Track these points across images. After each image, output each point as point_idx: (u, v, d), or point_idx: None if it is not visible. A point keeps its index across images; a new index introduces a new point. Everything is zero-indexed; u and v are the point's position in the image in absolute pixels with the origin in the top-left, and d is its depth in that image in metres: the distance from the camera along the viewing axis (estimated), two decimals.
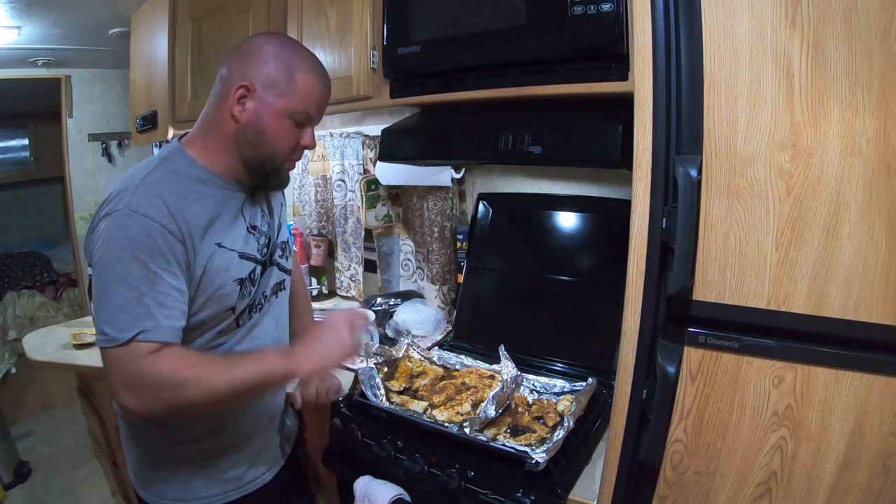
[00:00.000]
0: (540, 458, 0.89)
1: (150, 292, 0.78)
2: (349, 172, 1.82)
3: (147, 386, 0.77)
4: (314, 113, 0.91)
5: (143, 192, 0.80)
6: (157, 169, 0.85)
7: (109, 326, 0.77)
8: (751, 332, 0.71)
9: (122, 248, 0.77)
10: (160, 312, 0.78)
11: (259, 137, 0.88)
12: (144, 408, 0.78)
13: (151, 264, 0.78)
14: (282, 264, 1.04)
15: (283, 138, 0.89)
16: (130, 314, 0.77)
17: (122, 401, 0.78)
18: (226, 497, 0.98)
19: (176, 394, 0.78)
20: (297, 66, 0.87)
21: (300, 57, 0.89)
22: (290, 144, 0.91)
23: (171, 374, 0.77)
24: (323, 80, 0.91)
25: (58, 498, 2.41)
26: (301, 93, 0.87)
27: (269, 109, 0.86)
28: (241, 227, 0.93)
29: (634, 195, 0.77)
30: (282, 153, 0.91)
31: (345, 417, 1.17)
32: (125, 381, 0.78)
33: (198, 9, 1.76)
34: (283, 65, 0.86)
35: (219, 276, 0.87)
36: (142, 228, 0.78)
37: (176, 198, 0.82)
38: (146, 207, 0.79)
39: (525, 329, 1.41)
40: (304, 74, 0.87)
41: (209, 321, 0.88)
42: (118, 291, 0.77)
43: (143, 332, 0.77)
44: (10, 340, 3.03)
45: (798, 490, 0.71)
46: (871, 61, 0.61)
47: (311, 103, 0.89)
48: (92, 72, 3.19)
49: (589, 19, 0.94)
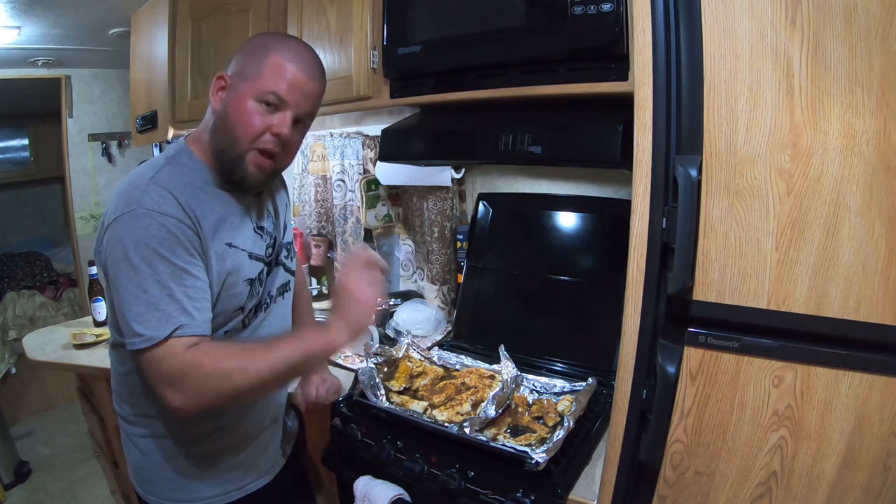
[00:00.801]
0: (540, 458, 0.89)
1: (180, 287, 0.77)
2: (349, 172, 1.82)
3: (192, 381, 0.76)
4: (286, 94, 0.82)
5: (155, 190, 0.80)
6: (164, 168, 0.84)
7: (143, 327, 0.76)
8: (751, 332, 0.71)
9: (143, 247, 0.76)
10: (192, 307, 0.78)
11: (224, 122, 0.84)
12: (193, 403, 0.76)
13: (176, 259, 0.78)
14: (287, 265, 1.04)
15: (244, 121, 0.82)
16: (164, 312, 0.76)
17: (169, 399, 0.76)
18: (227, 497, 0.98)
19: (222, 384, 0.77)
20: (272, 51, 0.83)
21: (279, 43, 0.85)
22: (253, 129, 0.82)
23: (213, 365, 0.77)
24: (298, 62, 0.84)
25: (58, 498, 2.41)
26: (268, 73, 0.82)
27: (236, 93, 0.83)
28: (248, 228, 0.92)
29: (634, 195, 0.77)
30: (243, 138, 0.83)
31: (345, 417, 1.17)
32: (169, 380, 0.76)
33: (198, 9, 1.76)
34: (260, 51, 0.83)
35: (230, 276, 0.87)
36: (160, 225, 0.77)
37: (186, 196, 0.82)
38: (161, 205, 0.78)
39: (525, 329, 1.41)
40: (276, 56, 0.83)
41: (217, 318, 0.88)
42: (148, 291, 0.76)
43: (179, 327, 0.76)
44: (10, 340, 3.03)
45: (798, 490, 0.71)
46: (871, 61, 0.61)
47: (280, 83, 0.82)
48: (92, 72, 3.19)
49: (589, 19, 0.94)
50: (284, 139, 0.84)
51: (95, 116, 3.30)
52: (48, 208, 4.00)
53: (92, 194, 3.36)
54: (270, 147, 0.84)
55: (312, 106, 0.88)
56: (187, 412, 0.77)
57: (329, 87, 0.92)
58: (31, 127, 3.80)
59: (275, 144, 0.84)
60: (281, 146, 0.85)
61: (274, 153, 0.85)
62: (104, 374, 1.50)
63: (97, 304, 1.85)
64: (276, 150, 0.85)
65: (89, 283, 1.90)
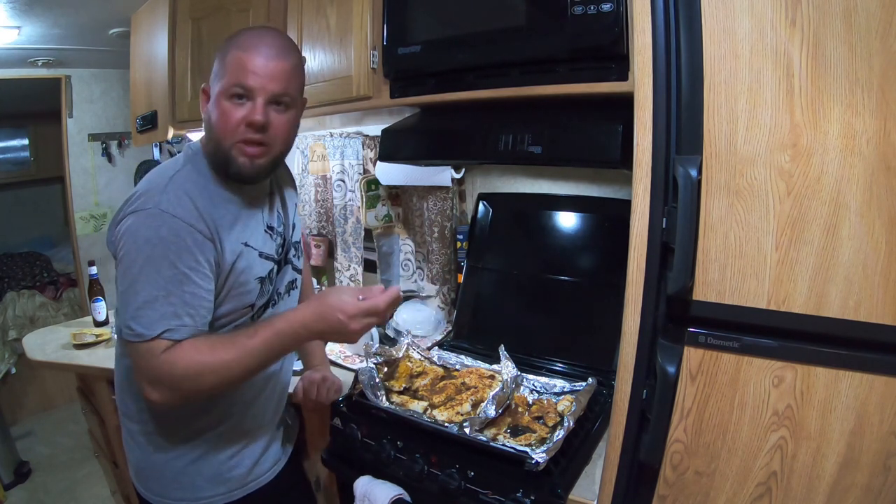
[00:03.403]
0: (540, 458, 0.89)
1: (178, 292, 0.80)
2: (349, 172, 1.82)
3: (167, 381, 0.80)
4: (249, 81, 0.82)
5: (173, 191, 0.82)
6: (184, 168, 0.87)
7: (136, 322, 0.79)
8: (751, 332, 0.71)
9: (151, 246, 0.79)
10: (185, 312, 0.80)
11: (209, 127, 0.88)
12: (169, 400, 0.82)
13: (180, 264, 0.80)
14: (295, 263, 1.05)
15: (222, 120, 0.84)
16: (158, 312, 0.79)
17: (147, 393, 0.81)
18: (230, 496, 0.98)
19: (197, 383, 0.81)
20: (230, 48, 0.85)
21: (237, 37, 0.86)
22: (230, 124, 0.84)
23: (185, 367, 0.80)
24: (255, 48, 0.83)
25: (58, 498, 2.41)
26: (231, 69, 0.83)
27: (213, 99, 0.86)
28: (259, 228, 0.94)
29: (634, 195, 0.77)
30: (224, 135, 0.84)
31: (345, 417, 1.17)
32: (148, 377, 0.81)
33: (198, 9, 1.76)
34: (222, 52, 0.86)
35: (243, 274, 0.89)
36: (171, 228, 0.79)
37: (204, 199, 0.84)
38: (175, 207, 0.80)
39: (525, 329, 1.41)
40: (233, 50, 0.84)
41: (229, 315, 0.90)
42: (146, 289, 0.79)
43: (167, 330, 0.79)
44: (10, 340, 3.03)
45: (798, 490, 0.71)
46: (871, 61, 0.61)
47: (242, 73, 0.82)
48: (92, 72, 3.19)
49: (589, 19, 0.94)
50: (259, 124, 0.84)
51: (95, 116, 3.30)
52: (48, 208, 4.00)
53: (92, 194, 3.36)
54: (251, 136, 0.84)
55: (285, 84, 0.85)
56: (164, 407, 0.84)
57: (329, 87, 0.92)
58: (31, 127, 3.79)
59: (254, 132, 0.84)
60: (263, 132, 0.85)
61: (256, 140, 0.85)
62: (104, 374, 1.51)
63: (97, 304, 1.85)
64: (256, 137, 0.85)
65: (89, 283, 1.90)
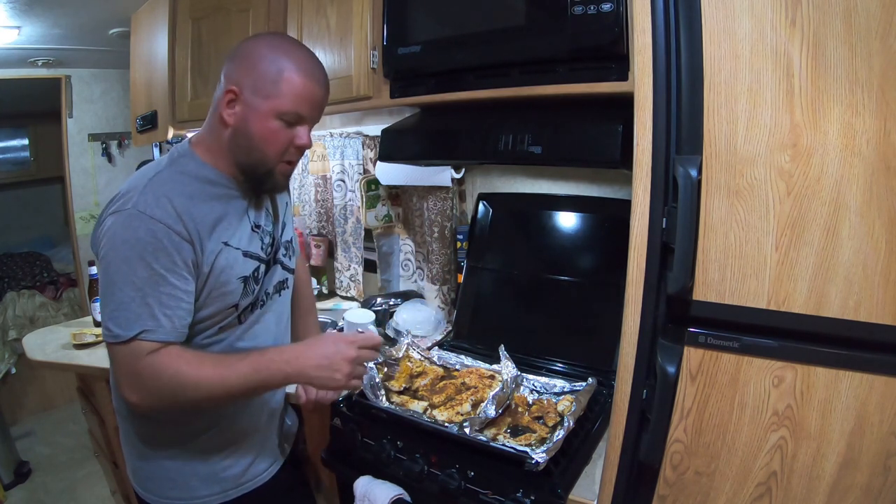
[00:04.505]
0: (540, 458, 0.89)
1: (154, 293, 0.80)
2: (349, 172, 1.82)
3: (147, 384, 0.81)
4: (306, 112, 0.88)
5: (151, 192, 0.82)
6: (165, 169, 0.87)
7: (113, 323, 0.80)
8: (751, 332, 0.71)
9: (128, 247, 0.79)
10: (162, 313, 0.81)
11: (248, 141, 0.87)
12: (146, 404, 0.83)
13: (156, 265, 0.80)
14: (285, 263, 1.04)
15: (271, 140, 0.87)
16: (133, 313, 0.79)
17: (125, 395, 0.82)
18: (225, 496, 0.98)
19: (175, 393, 0.82)
20: (284, 66, 0.85)
21: (289, 56, 0.86)
22: (279, 146, 0.88)
23: (169, 375, 0.80)
24: (313, 77, 0.87)
25: (58, 498, 2.41)
26: (288, 93, 0.85)
27: (255, 112, 0.85)
28: (245, 226, 0.94)
29: (634, 195, 0.77)
30: (272, 156, 0.88)
31: (345, 417, 1.17)
32: (127, 378, 0.81)
33: (198, 9, 1.76)
34: (271, 65, 0.85)
35: (223, 274, 0.88)
36: (148, 230, 0.80)
37: (183, 199, 0.84)
38: (153, 209, 0.80)
39: (525, 329, 1.41)
40: (291, 73, 0.85)
41: (212, 317, 0.90)
42: (123, 290, 0.79)
43: (144, 331, 0.79)
44: (10, 340, 3.03)
45: (798, 490, 0.71)
46: (871, 61, 0.61)
47: (301, 102, 0.86)
48: (92, 72, 3.19)
49: (589, 19, 0.94)
50: (307, 148, 0.93)
51: (95, 116, 3.30)
52: (48, 208, 4.00)
53: (92, 194, 3.36)
54: (295, 158, 0.93)
55: (322, 111, 0.93)
56: (141, 410, 0.84)
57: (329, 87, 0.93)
58: (31, 127, 3.79)
59: (300, 154, 0.94)
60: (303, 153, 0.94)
61: (297, 160, 0.95)
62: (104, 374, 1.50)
63: (97, 304, 1.84)
64: (298, 157, 0.94)
65: (89, 283, 1.89)
